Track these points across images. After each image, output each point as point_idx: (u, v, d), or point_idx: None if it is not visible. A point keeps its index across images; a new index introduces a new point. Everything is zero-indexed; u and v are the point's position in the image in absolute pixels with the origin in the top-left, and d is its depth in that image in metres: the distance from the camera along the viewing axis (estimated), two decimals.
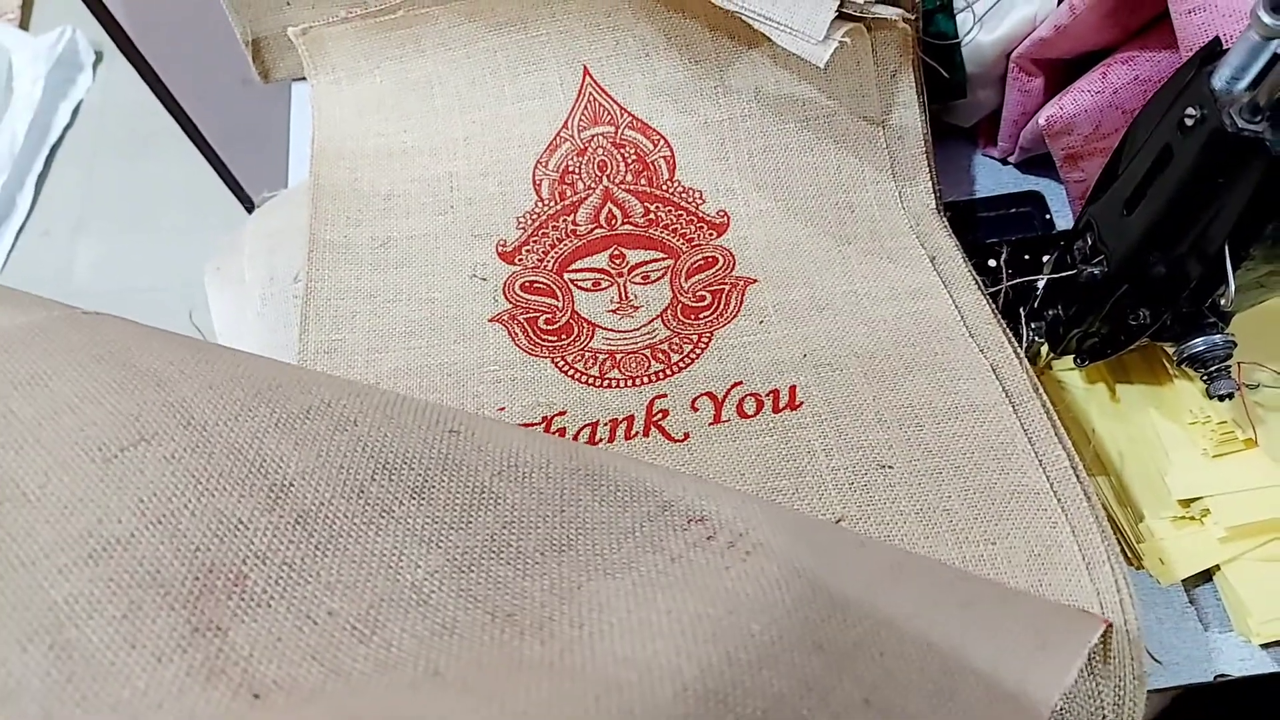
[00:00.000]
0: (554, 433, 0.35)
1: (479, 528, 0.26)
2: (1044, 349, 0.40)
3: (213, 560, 0.24)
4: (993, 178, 0.48)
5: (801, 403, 0.34)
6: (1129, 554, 0.34)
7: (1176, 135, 0.28)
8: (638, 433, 0.35)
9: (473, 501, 0.26)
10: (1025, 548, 0.29)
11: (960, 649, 0.24)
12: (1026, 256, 0.44)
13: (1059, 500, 0.30)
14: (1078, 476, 0.31)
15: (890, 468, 0.32)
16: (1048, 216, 0.46)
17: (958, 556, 0.29)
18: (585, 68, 0.44)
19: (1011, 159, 0.47)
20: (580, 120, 0.44)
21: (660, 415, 0.35)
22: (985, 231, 0.45)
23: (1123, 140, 0.33)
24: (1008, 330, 0.36)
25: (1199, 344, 0.31)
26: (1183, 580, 0.34)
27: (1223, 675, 0.33)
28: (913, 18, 0.39)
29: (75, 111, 0.93)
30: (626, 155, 0.44)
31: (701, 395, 0.35)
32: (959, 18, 0.42)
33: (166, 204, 0.68)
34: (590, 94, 0.44)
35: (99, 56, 1.02)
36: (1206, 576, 0.35)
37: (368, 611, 0.23)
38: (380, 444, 0.27)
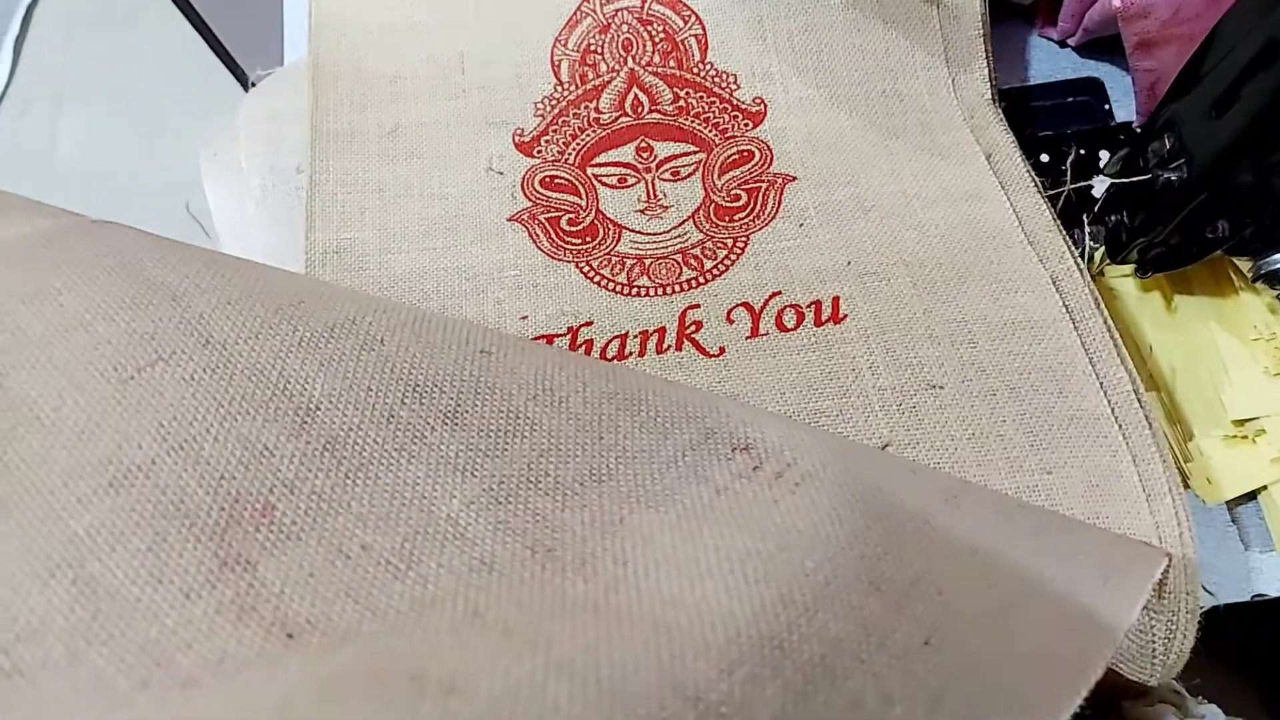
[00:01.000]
0: (581, 345, 0.33)
1: (515, 455, 0.24)
2: (1099, 253, 0.38)
3: (239, 489, 0.22)
4: (1049, 62, 0.44)
5: (845, 315, 0.32)
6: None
7: None
8: (670, 346, 0.33)
9: (508, 427, 0.25)
10: (1083, 477, 0.28)
11: (1025, 582, 0.23)
12: (1083, 152, 0.41)
13: (1120, 427, 0.29)
14: (1140, 401, 0.29)
15: (941, 388, 0.30)
16: (1107, 107, 0.43)
17: (1012, 486, 0.28)
18: None
19: (1071, 41, 0.43)
20: None
21: (693, 327, 0.33)
22: (1041, 123, 0.42)
23: (1212, 33, 0.29)
24: (1068, 239, 0.34)
25: (1279, 261, 0.29)
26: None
27: (1260, 595, 0.33)
28: None
29: None
30: (654, 33, 0.40)
31: (737, 306, 0.34)
32: None
33: (155, 75, 0.63)
34: None
35: None
36: (1251, 496, 0.34)
37: (402, 545, 0.22)
38: (409, 365, 0.25)
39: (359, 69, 0.41)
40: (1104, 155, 0.41)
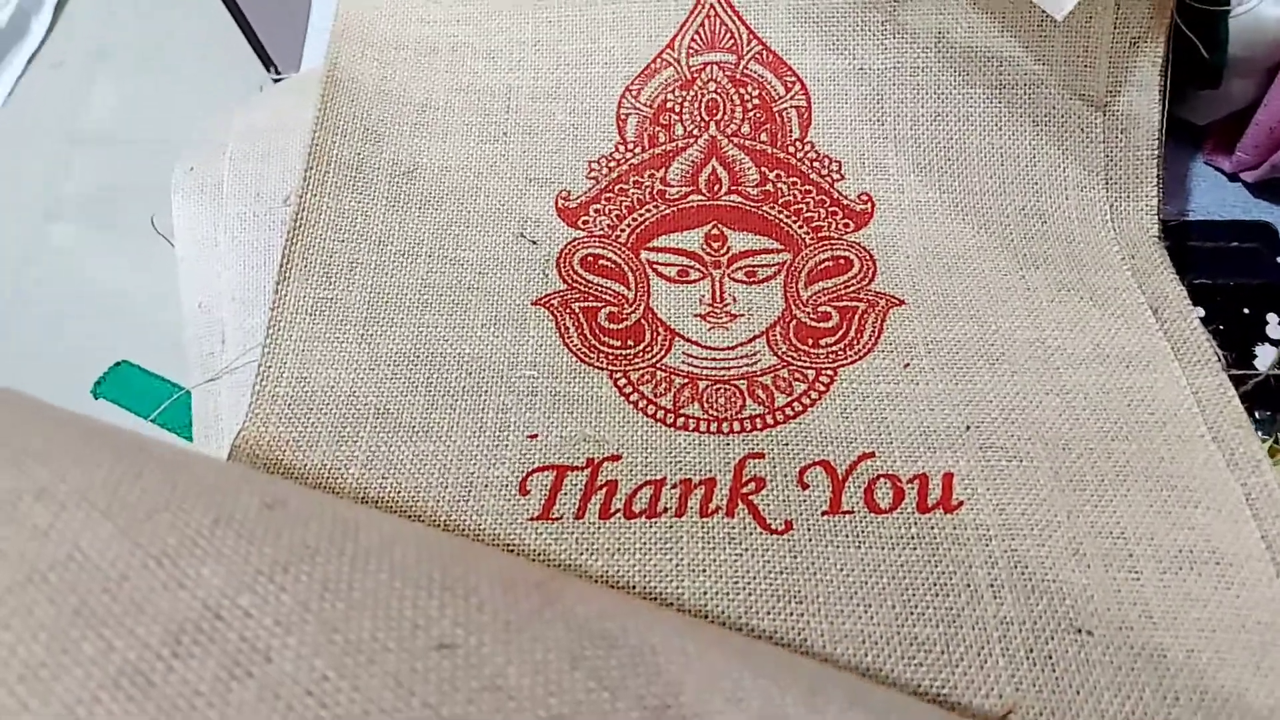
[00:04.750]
0: (601, 488, 0.25)
1: None
2: (1266, 445, 0.29)
3: None
4: (1212, 195, 0.36)
5: (960, 502, 0.24)
6: None
7: None
8: (718, 508, 0.24)
9: None
10: None
11: None
12: (1246, 310, 0.33)
13: None
14: None
15: (1089, 634, 0.22)
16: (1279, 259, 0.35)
17: None
18: None
19: (1249, 176, 0.35)
20: (692, 41, 0.33)
21: (752, 486, 0.25)
22: (1197, 268, 0.34)
23: None
24: (1258, 437, 0.25)
25: None
26: None
27: None
28: None
29: None
30: (747, 97, 0.32)
31: (814, 465, 0.25)
32: None
33: (192, 50, 0.60)
34: (711, 7, 0.32)
35: None
36: None
37: None
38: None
39: (382, 88, 0.34)
40: (1272, 319, 0.33)
